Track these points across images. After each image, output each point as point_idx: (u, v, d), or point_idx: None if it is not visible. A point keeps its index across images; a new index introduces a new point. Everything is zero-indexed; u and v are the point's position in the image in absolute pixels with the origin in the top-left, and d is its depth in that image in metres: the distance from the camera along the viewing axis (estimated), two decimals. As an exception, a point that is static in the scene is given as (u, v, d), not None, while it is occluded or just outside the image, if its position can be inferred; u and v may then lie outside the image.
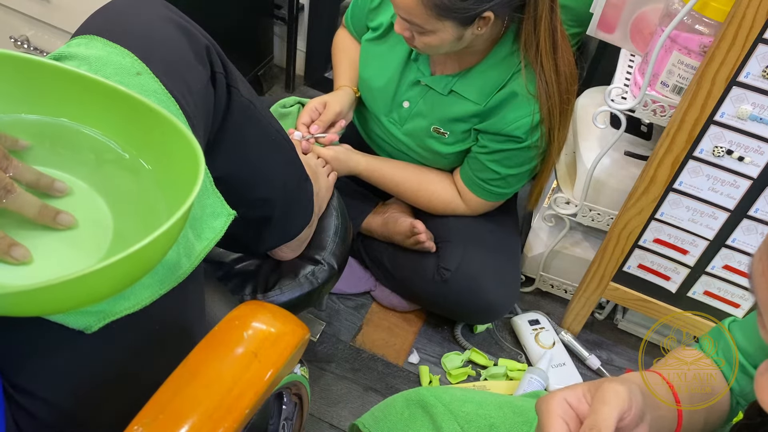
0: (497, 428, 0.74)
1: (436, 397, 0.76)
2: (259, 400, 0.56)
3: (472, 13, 0.99)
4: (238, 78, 0.79)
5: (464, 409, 0.75)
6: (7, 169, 0.53)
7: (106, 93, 0.57)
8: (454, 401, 0.76)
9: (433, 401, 0.76)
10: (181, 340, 0.65)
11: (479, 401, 0.77)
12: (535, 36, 1.07)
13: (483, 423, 0.74)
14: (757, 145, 1.03)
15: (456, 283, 1.28)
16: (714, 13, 0.95)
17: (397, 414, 0.78)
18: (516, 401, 0.78)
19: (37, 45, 1.50)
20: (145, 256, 0.50)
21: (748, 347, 0.69)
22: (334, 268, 1.06)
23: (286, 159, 0.92)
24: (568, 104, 1.15)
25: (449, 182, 1.32)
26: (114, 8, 0.70)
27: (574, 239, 1.46)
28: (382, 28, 1.24)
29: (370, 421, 0.80)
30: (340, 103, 1.26)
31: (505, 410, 0.76)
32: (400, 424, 0.77)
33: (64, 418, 0.59)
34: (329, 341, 1.41)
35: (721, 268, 1.21)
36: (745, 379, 0.69)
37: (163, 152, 0.58)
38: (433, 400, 0.76)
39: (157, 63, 0.65)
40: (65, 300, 0.49)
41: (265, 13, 1.80)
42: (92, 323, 0.56)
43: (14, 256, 0.51)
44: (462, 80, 1.17)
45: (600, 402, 0.51)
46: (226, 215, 0.70)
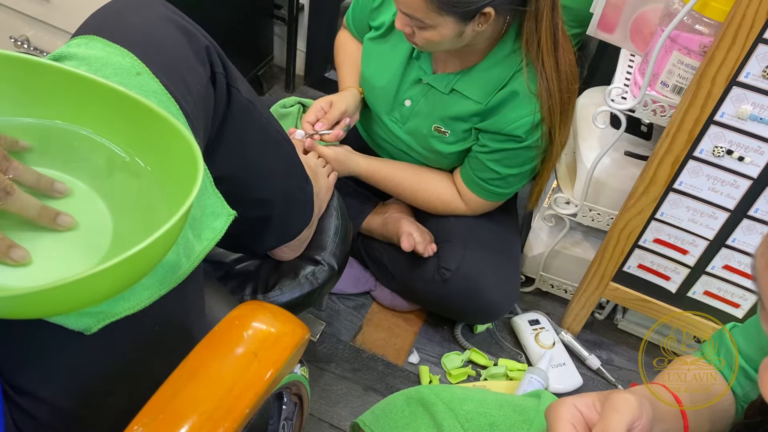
0: (497, 426, 0.74)
1: (437, 395, 0.76)
2: (259, 400, 0.56)
3: (472, 7, 0.99)
4: (238, 78, 0.79)
5: (464, 407, 0.75)
6: (6, 171, 0.53)
7: (106, 93, 0.57)
8: (455, 399, 0.76)
9: (433, 399, 0.76)
10: (181, 341, 0.65)
11: (479, 400, 0.77)
12: (536, 34, 1.07)
13: (483, 421, 0.74)
14: (757, 145, 1.03)
15: (456, 283, 1.28)
16: (714, 13, 0.95)
17: (398, 412, 0.79)
18: (516, 400, 0.78)
19: (37, 45, 1.50)
20: (145, 257, 0.50)
21: (749, 351, 0.69)
22: (334, 269, 1.06)
23: (286, 159, 0.92)
24: (569, 103, 1.15)
25: (449, 182, 1.32)
26: (114, 8, 0.70)
27: (574, 239, 1.46)
28: (384, 26, 1.24)
29: (370, 420, 0.80)
30: (345, 102, 1.27)
31: (505, 409, 0.76)
32: (401, 422, 0.77)
33: (64, 418, 0.59)
34: (329, 341, 1.41)
35: (721, 268, 1.21)
36: (747, 382, 0.69)
37: (162, 153, 0.58)
38: (434, 398, 0.76)
39: (157, 63, 0.65)
40: (64, 303, 0.49)
41: (265, 13, 1.80)
42: (92, 324, 0.56)
43: (14, 258, 0.51)
44: (463, 79, 1.17)
45: (610, 410, 0.51)
46: (225, 215, 0.70)
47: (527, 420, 0.75)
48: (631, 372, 1.46)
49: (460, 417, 0.74)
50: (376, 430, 0.79)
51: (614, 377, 1.43)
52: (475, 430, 0.73)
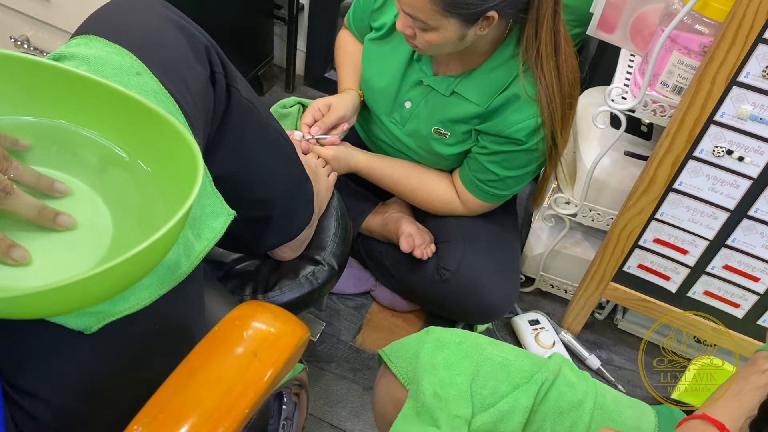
0: (510, 364, 0.79)
1: (452, 332, 0.84)
2: (259, 400, 0.56)
3: (477, 9, 0.99)
4: (237, 78, 0.79)
5: (479, 340, 0.83)
6: (6, 171, 0.53)
7: (106, 93, 0.57)
8: (468, 335, 0.84)
9: (448, 336, 0.83)
10: (181, 340, 0.65)
11: (493, 341, 0.85)
12: (536, 39, 1.06)
13: (496, 359, 0.80)
14: (757, 145, 1.03)
15: (456, 283, 1.28)
16: (714, 13, 0.95)
17: (413, 338, 0.86)
18: (528, 353, 0.85)
19: (37, 45, 1.50)
20: (145, 258, 0.50)
21: None
22: (334, 269, 1.06)
23: (286, 159, 0.92)
24: (571, 109, 1.15)
25: (448, 182, 1.32)
26: (113, 8, 0.70)
27: (574, 239, 1.47)
28: (385, 27, 1.24)
29: (388, 350, 0.88)
30: (344, 106, 1.26)
31: (517, 352, 0.82)
32: (414, 346, 0.84)
33: (64, 418, 0.59)
34: (329, 341, 1.41)
35: (721, 268, 1.21)
36: None
37: (162, 153, 0.58)
38: (449, 336, 0.83)
39: (157, 63, 0.65)
40: (64, 303, 0.49)
41: (265, 13, 1.80)
42: (92, 324, 0.56)
43: (13, 258, 0.51)
44: (464, 81, 1.17)
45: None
46: (225, 215, 0.70)
47: (536, 363, 0.80)
48: (631, 372, 1.46)
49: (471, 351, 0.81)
50: (393, 358, 0.85)
51: (614, 377, 1.44)
52: (489, 367, 0.79)
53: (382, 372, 0.89)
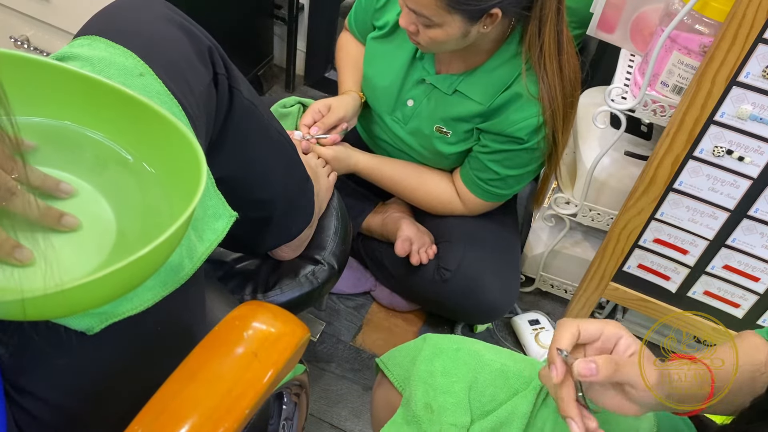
0: (508, 370, 0.78)
1: (449, 340, 0.83)
2: (259, 400, 0.56)
3: (481, 6, 0.99)
4: (239, 79, 0.79)
5: (476, 346, 0.82)
6: (11, 171, 0.53)
7: (111, 95, 0.57)
8: (465, 341, 0.83)
9: (445, 343, 0.82)
10: (182, 341, 0.65)
11: (492, 347, 0.84)
12: (539, 38, 1.06)
13: (495, 365, 0.79)
14: (757, 145, 1.03)
15: (456, 283, 1.28)
16: (714, 13, 0.95)
17: (410, 346, 0.86)
18: (527, 357, 0.84)
19: (37, 45, 1.50)
20: (149, 261, 0.50)
21: None
22: (334, 268, 1.06)
23: (287, 160, 0.92)
24: (572, 108, 1.15)
25: (448, 182, 1.32)
26: (116, 9, 0.70)
27: (574, 239, 1.47)
28: (388, 26, 1.24)
29: (385, 357, 0.87)
30: (344, 108, 1.26)
31: (515, 357, 0.81)
32: (411, 354, 0.84)
33: (65, 418, 0.59)
34: (329, 341, 1.41)
35: (721, 268, 1.21)
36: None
37: (166, 155, 0.58)
38: (446, 342, 0.82)
39: (160, 64, 0.65)
40: (68, 306, 0.49)
41: (265, 13, 1.80)
42: (95, 324, 0.56)
43: (18, 258, 0.51)
44: (467, 80, 1.17)
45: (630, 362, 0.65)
46: (227, 216, 0.70)
47: (535, 368, 0.79)
48: (631, 372, 1.46)
49: (469, 357, 0.80)
50: (389, 365, 0.85)
51: (614, 377, 1.43)
52: (488, 373, 0.79)
53: (380, 380, 0.88)
